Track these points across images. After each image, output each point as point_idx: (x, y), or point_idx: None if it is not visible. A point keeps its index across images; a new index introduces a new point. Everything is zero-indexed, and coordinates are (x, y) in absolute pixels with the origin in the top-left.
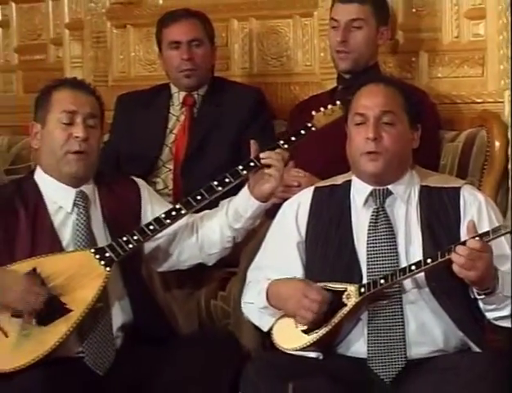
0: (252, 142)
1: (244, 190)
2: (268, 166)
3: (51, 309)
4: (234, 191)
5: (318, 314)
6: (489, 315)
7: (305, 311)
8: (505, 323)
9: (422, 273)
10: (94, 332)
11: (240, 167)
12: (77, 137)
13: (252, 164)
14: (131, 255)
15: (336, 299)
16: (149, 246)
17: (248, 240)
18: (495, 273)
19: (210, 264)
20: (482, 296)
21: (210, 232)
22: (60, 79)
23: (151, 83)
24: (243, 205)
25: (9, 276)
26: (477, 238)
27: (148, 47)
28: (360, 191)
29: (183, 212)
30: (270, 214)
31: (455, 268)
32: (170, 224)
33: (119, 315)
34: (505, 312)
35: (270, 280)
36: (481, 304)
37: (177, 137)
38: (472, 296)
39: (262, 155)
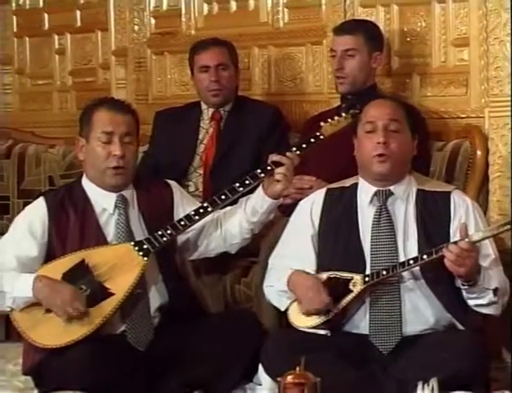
0: (270, 155)
1: (259, 190)
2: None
3: (96, 293)
4: (251, 190)
5: (322, 311)
6: (470, 302)
7: (315, 307)
8: (483, 310)
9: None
10: (134, 313)
11: (259, 170)
12: (115, 155)
13: (269, 168)
14: (165, 247)
15: (344, 286)
16: (181, 238)
17: (267, 234)
18: (479, 268)
19: (233, 253)
20: (466, 287)
21: (231, 226)
22: (100, 98)
23: (185, 101)
24: (258, 203)
25: (59, 286)
26: (466, 240)
27: (182, 71)
28: (365, 191)
29: (210, 209)
30: (286, 212)
31: (446, 263)
32: (198, 220)
33: (156, 298)
34: (484, 301)
35: (291, 269)
36: (464, 294)
37: (207, 147)
38: (457, 286)
39: (276, 158)
